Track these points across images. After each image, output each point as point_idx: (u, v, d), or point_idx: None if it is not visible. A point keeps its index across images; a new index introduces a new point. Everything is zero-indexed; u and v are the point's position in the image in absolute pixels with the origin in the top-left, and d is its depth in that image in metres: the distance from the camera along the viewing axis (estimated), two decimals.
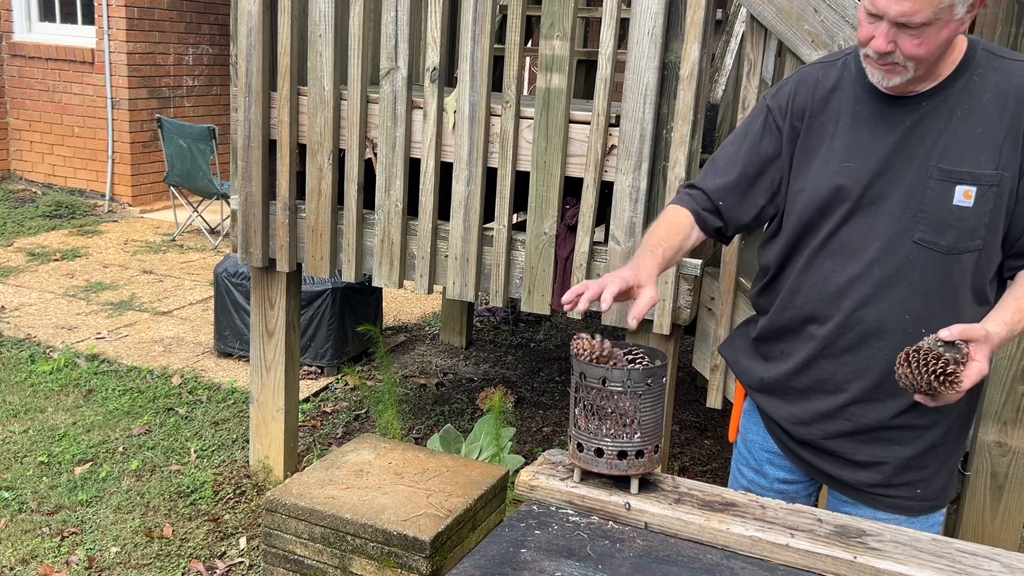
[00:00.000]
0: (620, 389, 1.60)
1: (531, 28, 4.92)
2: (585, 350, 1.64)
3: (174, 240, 7.11)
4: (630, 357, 1.68)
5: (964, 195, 1.65)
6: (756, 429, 1.99)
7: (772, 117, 1.85)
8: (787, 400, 1.88)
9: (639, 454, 1.63)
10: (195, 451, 3.79)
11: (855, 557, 1.49)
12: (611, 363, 1.63)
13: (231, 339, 4.74)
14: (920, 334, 1.68)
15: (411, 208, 3.14)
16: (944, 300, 1.70)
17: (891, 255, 1.70)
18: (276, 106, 3.19)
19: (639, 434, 1.62)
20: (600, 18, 2.73)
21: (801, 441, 1.88)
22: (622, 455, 1.62)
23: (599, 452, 1.63)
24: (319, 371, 4.63)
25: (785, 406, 1.88)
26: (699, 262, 2.78)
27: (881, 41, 1.61)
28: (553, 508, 1.66)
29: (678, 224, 1.87)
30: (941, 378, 1.49)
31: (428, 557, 2.27)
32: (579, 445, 1.65)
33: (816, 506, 1.93)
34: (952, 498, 1.86)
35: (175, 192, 7.17)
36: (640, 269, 1.69)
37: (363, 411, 4.28)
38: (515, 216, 3.07)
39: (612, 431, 1.61)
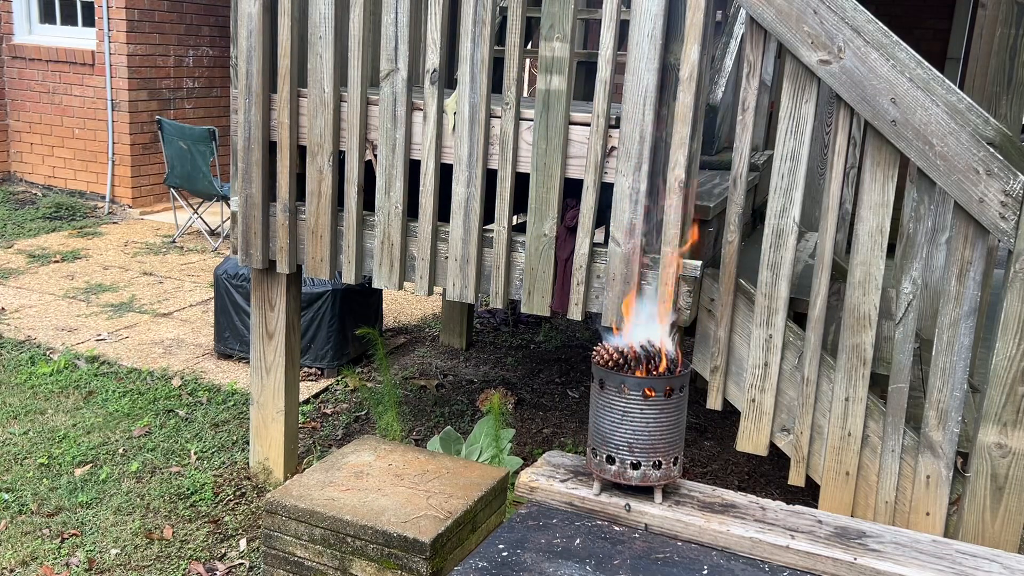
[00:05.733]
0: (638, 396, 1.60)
1: (531, 30, 4.93)
2: (605, 357, 1.63)
3: (174, 242, 7.11)
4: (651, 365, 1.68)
5: None
6: None
7: None
8: None
9: (657, 464, 1.63)
10: (195, 453, 3.79)
11: (855, 558, 1.49)
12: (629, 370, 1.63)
13: (231, 341, 4.74)
14: None
15: (411, 210, 3.14)
16: None
17: None
18: (276, 108, 3.20)
19: (661, 442, 1.61)
20: (600, 20, 2.73)
21: None
22: (635, 466, 1.62)
23: (609, 460, 1.63)
24: (319, 373, 4.62)
25: None
26: (699, 263, 2.78)
27: None
28: (553, 509, 1.66)
29: None
30: None
31: (428, 558, 2.27)
32: (608, 457, 1.65)
33: None
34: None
35: (175, 194, 7.17)
36: None
37: (363, 413, 4.28)
38: (515, 218, 3.07)
39: (631, 440, 1.61)
